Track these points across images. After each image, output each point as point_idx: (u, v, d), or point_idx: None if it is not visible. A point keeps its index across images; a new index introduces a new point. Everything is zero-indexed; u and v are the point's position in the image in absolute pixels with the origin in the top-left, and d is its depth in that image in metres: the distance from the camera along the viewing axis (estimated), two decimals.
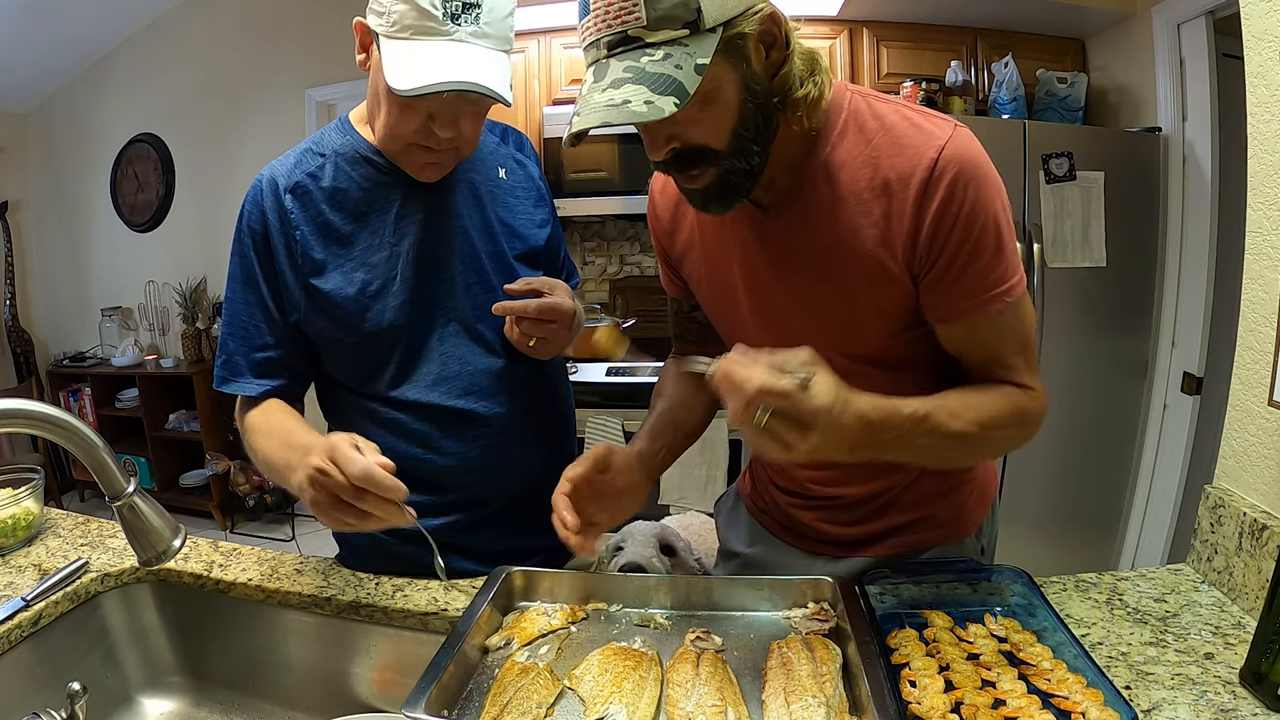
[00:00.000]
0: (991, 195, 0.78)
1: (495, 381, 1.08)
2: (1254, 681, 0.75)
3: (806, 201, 0.84)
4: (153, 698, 1.12)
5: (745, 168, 0.78)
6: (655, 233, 1.06)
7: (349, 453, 0.80)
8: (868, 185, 0.81)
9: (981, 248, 0.79)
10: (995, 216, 0.79)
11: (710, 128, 0.75)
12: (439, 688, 0.76)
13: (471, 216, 1.07)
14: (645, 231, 3.37)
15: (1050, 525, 2.56)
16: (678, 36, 0.70)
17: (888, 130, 0.81)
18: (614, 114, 0.70)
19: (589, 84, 0.74)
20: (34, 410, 0.73)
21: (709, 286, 0.99)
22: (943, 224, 0.78)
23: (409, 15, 0.88)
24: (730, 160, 0.77)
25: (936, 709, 0.72)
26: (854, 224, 0.82)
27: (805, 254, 0.86)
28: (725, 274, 0.94)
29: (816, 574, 0.96)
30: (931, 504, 1.02)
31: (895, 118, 0.81)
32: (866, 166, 0.81)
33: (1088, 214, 2.35)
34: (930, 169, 0.77)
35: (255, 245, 1.02)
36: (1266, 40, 0.92)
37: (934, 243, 0.79)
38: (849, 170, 0.82)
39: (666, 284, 1.10)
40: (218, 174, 3.79)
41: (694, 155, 0.77)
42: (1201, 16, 2.25)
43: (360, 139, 1.04)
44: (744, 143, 0.77)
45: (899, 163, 0.79)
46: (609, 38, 0.72)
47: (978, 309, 0.81)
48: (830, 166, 0.82)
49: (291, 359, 1.05)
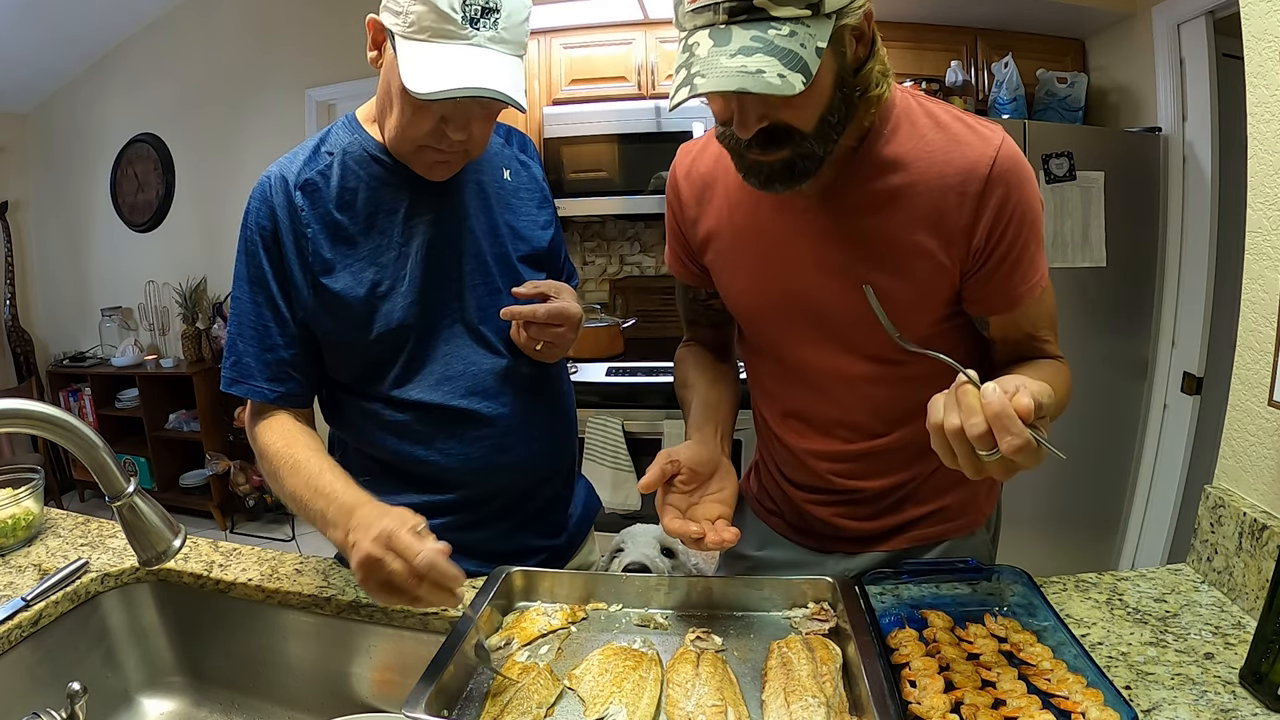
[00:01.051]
0: (1035, 194, 0.86)
1: (498, 382, 1.08)
2: (1254, 681, 0.75)
3: (858, 193, 0.87)
4: (153, 698, 1.12)
5: (820, 154, 0.81)
6: (674, 216, 1.06)
7: (409, 542, 0.78)
8: (922, 180, 0.84)
9: (1029, 242, 0.86)
10: (1039, 213, 0.86)
11: (803, 111, 0.77)
12: (439, 688, 0.76)
13: (478, 217, 1.07)
14: (645, 231, 3.38)
15: (1050, 525, 2.56)
16: (800, 15, 0.72)
17: (943, 129, 0.85)
18: (750, 81, 0.70)
19: (708, 46, 0.73)
20: (34, 410, 0.73)
21: (738, 275, 0.99)
22: (999, 221, 0.83)
23: (427, 17, 0.87)
24: (811, 144, 0.79)
25: (936, 709, 0.72)
26: (906, 217, 0.85)
27: (853, 244, 0.88)
28: (760, 262, 0.95)
29: (830, 573, 0.96)
30: (947, 495, 1.03)
31: (948, 118, 0.86)
32: (921, 162, 0.84)
33: (1088, 214, 2.35)
34: (989, 170, 0.82)
35: (264, 243, 1.00)
36: (1266, 40, 0.92)
37: (990, 238, 0.84)
38: (902, 165, 0.85)
39: (679, 270, 1.09)
40: (218, 174, 3.79)
41: (781, 134, 0.78)
42: (1201, 16, 2.25)
43: (368, 138, 1.03)
44: (827, 129, 0.80)
45: (956, 160, 0.83)
46: (731, 3, 0.72)
47: (1025, 296, 0.88)
48: (884, 160, 0.86)
49: (302, 361, 1.04)
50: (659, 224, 3.34)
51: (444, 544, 0.79)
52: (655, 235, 3.37)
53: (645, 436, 2.76)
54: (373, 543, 0.78)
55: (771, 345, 1.01)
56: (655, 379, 2.57)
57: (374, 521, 0.81)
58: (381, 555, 0.78)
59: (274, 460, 0.98)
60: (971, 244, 0.85)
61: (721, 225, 0.98)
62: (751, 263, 0.96)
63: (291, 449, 0.98)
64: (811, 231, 0.90)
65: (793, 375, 1.01)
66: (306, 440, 1.00)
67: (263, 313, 1.01)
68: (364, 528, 0.81)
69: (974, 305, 0.91)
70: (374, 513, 0.83)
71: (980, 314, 0.92)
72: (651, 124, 2.76)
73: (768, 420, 1.09)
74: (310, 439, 1.01)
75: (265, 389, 1.02)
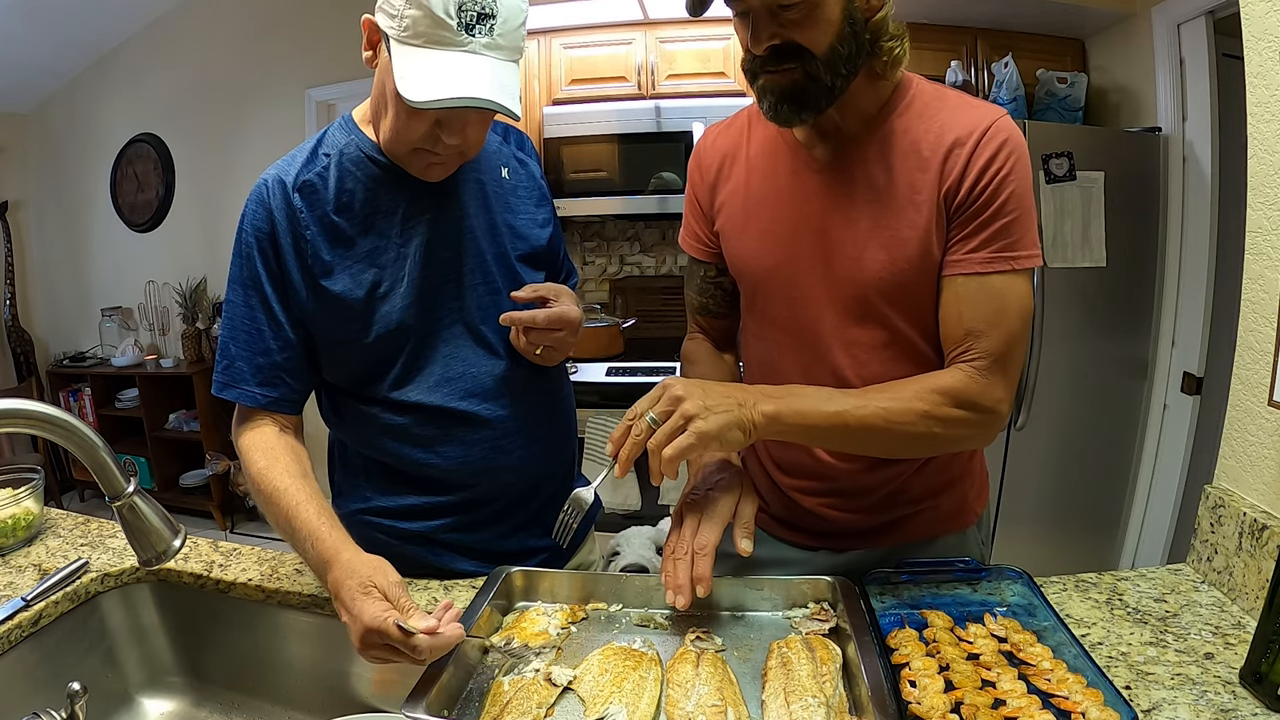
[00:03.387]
0: (1026, 170, 0.90)
1: (498, 383, 1.08)
2: (1254, 681, 0.75)
3: (874, 150, 0.93)
4: (153, 698, 1.12)
5: (827, 83, 0.87)
6: (693, 186, 1.10)
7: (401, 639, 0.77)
8: (931, 144, 0.91)
9: (1008, 207, 0.88)
10: (1026, 187, 0.89)
11: (813, 32, 0.84)
12: (439, 688, 0.76)
13: (477, 217, 1.07)
14: (645, 231, 3.38)
15: (1050, 525, 2.56)
16: None
17: (951, 104, 0.93)
18: None
19: None
20: (34, 410, 0.73)
21: (747, 236, 1.02)
22: (984, 174, 0.88)
23: (422, 22, 0.86)
24: (819, 66, 0.86)
25: (936, 709, 0.72)
26: (914, 177, 0.91)
27: (864, 204, 0.93)
28: (772, 222, 0.99)
29: (817, 569, 0.97)
30: (937, 495, 1.04)
31: (957, 98, 0.94)
32: (932, 130, 0.91)
33: (1088, 214, 2.35)
34: (986, 129, 0.88)
35: (260, 246, 1.00)
36: (1266, 40, 0.92)
37: (974, 190, 0.88)
38: (915, 132, 0.92)
39: (694, 245, 1.12)
40: (218, 174, 3.79)
41: (792, 51, 0.85)
42: (1201, 16, 2.25)
43: (365, 138, 1.03)
44: (836, 59, 0.86)
45: (961, 123, 0.90)
46: None
47: (979, 264, 0.89)
48: (899, 127, 0.93)
49: (295, 366, 1.03)
50: (659, 224, 3.35)
51: (430, 621, 0.79)
52: (655, 235, 3.37)
53: None
54: (363, 643, 0.80)
55: (773, 310, 1.02)
56: (655, 379, 2.55)
57: (354, 603, 0.81)
58: (378, 650, 0.79)
59: (256, 481, 0.98)
60: (957, 194, 0.89)
61: (739, 189, 1.03)
62: (764, 223, 1.00)
63: (272, 472, 0.96)
64: (824, 192, 0.95)
65: (790, 341, 1.01)
66: (288, 462, 0.98)
67: (256, 316, 1.01)
68: (347, 609, 0.81)
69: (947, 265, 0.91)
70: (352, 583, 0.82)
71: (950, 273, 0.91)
72: (651, 124, 2.76)
73: None
74: (292, 459, 0.99)
75: (256, 393, 1.01)
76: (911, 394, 0.87)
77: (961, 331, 0.90)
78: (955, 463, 1.05)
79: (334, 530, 0.90)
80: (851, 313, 0.96)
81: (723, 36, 2.80)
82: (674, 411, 0.83)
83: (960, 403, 0.87)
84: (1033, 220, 0.90)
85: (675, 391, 0.84)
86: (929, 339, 0.96)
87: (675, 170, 2.76)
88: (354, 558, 0.86)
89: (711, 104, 2.72)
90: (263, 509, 0.98)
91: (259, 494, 0.98)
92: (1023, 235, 0.89)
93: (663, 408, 0.84)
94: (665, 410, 0.84)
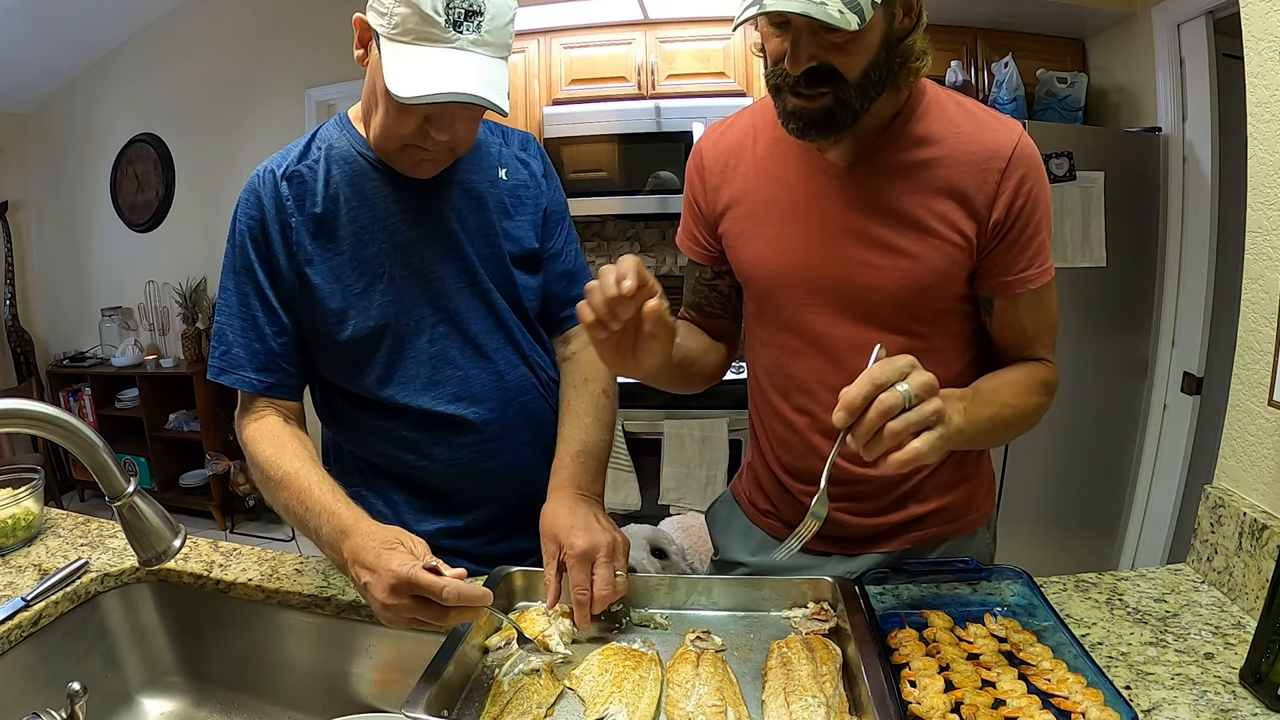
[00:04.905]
0: (1048, 187, 0.94)
1: (487, 387, 1.08)
2: (1254, 681, 0.75)
3: (887, 163, 0.92)
4: (153, 698, 1.12)
5: (856, 107, 0.86)
6: (692, 188, 1.08)
7: (430, 581, 0.76)
8: (949, 155, 0.91)
9: (1041, 226, 0.92)
10: (1049, 205, 0.94)
11: (850, 58, 0.83)
12: (439, 688, 0.76)
13: (465, 219, 1.06)
14: (645, 231, 3.38)
15: (1050, 525, 2.56)
16: None
17: (970, 115, 0.93)
18: (814, 8, 0.75)
19: None
20: (34, 410, 0.73)
21: (755, 241, 1.00)
22: (1016, 200, 0.90)
23: (411, 19, 0.87)
24: (851, 92, 0.85)
25: (936, 709, 0.72)
26: (932, 188, 0.91)
27: (880, 212, 0.93)
28: (782, 227, 0.98)
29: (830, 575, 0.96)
30: (949, 494, 1.04)
31: (974, 107, 0.95)
32: (949, 140, 0.91)
33: (1088, 214, 2.35)
34: (1012, 152, 0.90)
35: (252, 234, 1.01)
36: (1266, 40, 0.92)
37: (1008, 215, 0.90)
38: (931, 142, 0.92)
39: (691, 248, 1.10)
40: (218, 174, 3.79)
41: (827, 75, 0.84)
42: (1201, 16, 2.25)
43: (356, 135, 1.04)
44: (868, 84, 0.85)
45: (983, 141, 0.90)
46: None
47: (1032, 280, 0.93)
48: (913, 136, 0.92)
49: (290, 352, 1.04)
50: (659, 224, 3.35)
51: (459, 569, 0.79)
52: (655, 235, 3.37)
53: (645, 436, 2.76)
54: (391, 593, 0.78)
55: (786, 316, 1.01)
56: None
57: (378, 558, 0.80)
58: (405, 602, 0.78)
59: (264, 469, 0.98)
60: (991, 218, 0.90)
61: (745, 191, 1.01)
62: (773, 228, 0.98)
63: (281, 459, 0.97)
64: (839, 198, 0.94)
65: (805, 348, 1.00)
66: (295, 448, 0.98)
67: (251, 303, 1.02)
68: (370, 566, 0.80)
69: (984, 284, 0.95)
70: (373, 543, 0.82)
71: (988, 294, 0.96)
72: (651, 124, 2.76)
73: (773, 403, 1.06)
74: (299, 446, 0.99)
75: (253, 379, 1.02)
76: (1025, 387, 0.94)
77: (1026, 339, 0.98)
78: (967, 461, 1.05)
79: (350, 507, 0.90)
80: (870, 320, 0.95)
81: (722, 36, 2.80)
82: (928, 399, 0.70)
83: (1050, 390, 0.98)
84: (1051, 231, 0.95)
85: (928, 377, 0.71)
86: (949, 341, 0.97)
87: (675, 170, 2.76)
88: (374, 526, 0.86)
89: (711, 104, 2.73)
90: (271, 496, 0.98)
91: (268, 481, 0.97)
92: (1050, 247, 0.95)
93: (918, 389, 0.70)
94: (920, 394, 0.70)
